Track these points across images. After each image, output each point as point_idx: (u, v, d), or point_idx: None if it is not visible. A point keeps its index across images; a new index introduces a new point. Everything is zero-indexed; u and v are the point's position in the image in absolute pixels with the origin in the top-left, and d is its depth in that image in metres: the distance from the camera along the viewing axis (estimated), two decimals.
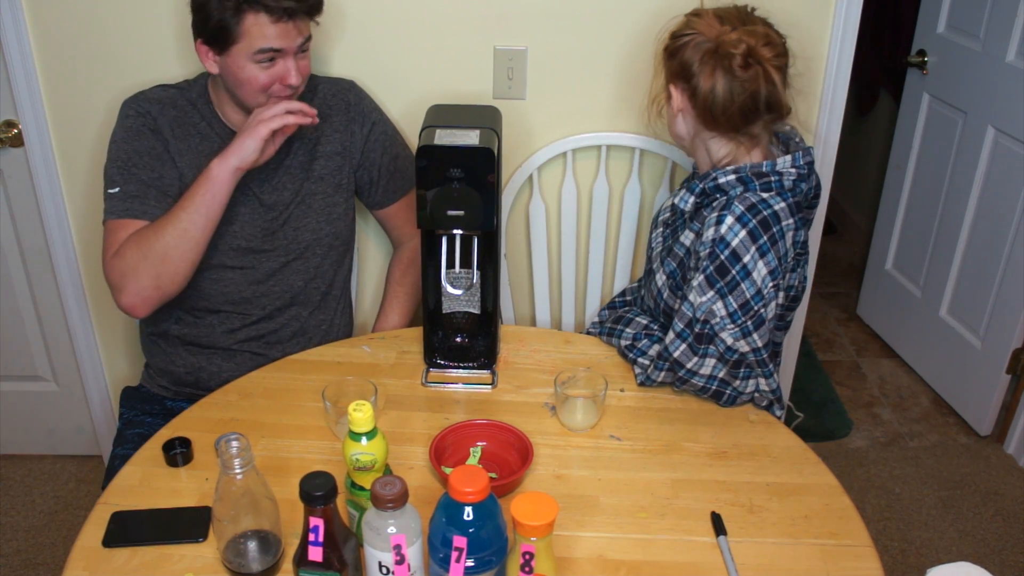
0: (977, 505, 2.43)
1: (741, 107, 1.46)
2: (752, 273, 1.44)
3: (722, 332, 1.46)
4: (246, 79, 1.59)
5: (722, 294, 1.44)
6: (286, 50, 1.58)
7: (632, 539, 1.27)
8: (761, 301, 1.45)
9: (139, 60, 1.94)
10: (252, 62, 1.57)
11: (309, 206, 1.76)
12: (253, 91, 1.61)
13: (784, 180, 1.48)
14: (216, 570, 1.20)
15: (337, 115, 1.78)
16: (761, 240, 1.43)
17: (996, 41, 2.49)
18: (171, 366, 1.79)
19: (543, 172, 2.08)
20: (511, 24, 1.94)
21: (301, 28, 1.60)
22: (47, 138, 2.03)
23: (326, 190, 1.77)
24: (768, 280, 1.45)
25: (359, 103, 1.82)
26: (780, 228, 1.45)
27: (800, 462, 1.42)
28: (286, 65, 1.60)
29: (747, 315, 1.45)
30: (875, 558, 1.24)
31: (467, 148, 1.45)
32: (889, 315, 3.15)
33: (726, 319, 1.45)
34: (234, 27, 1.54)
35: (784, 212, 1.46)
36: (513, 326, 1.84)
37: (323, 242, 1.78)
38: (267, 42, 1.55)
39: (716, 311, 1.45)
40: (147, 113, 1.68)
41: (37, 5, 1.90)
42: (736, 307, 1.44)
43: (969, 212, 2.66)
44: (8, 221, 2.18)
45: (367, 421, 1.14)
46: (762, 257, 1.43)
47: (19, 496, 2.38)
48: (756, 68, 1.44)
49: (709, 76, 1.45)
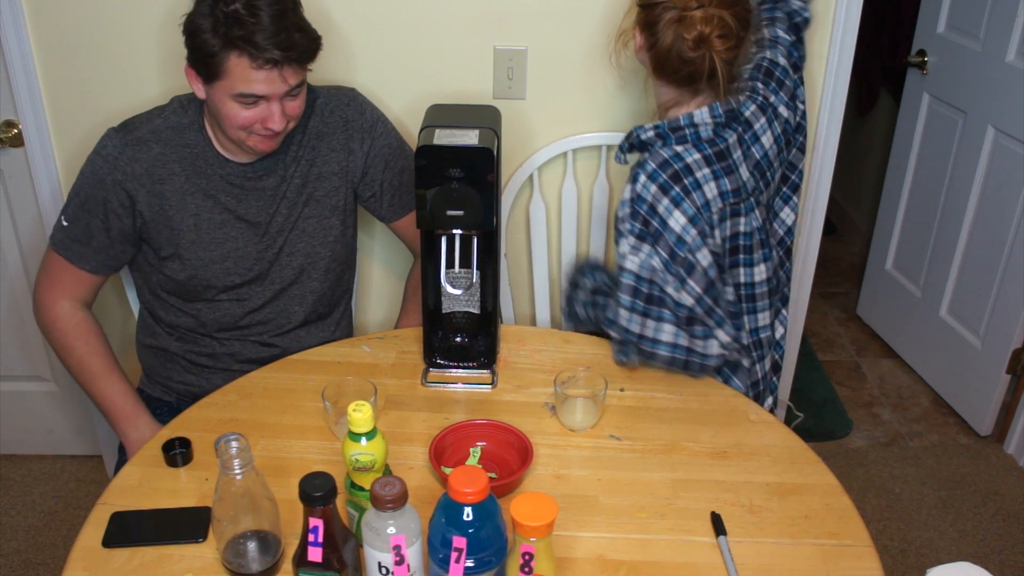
0: (977, 505, 2.43)
1: (689, 74, 1.57)
2: (669, 221, 1.52)
3: (665, 287, 1.53)
4: (226, 115, 1.53)
5: (653, 246, 1.53)
6: (270, 96, 1.51)
7: (632, 539, 1.27)
8: (685, 247, 1.52)
9: (139, 60, 1.94)
10: (233, 100, 1.51)
11: (303, 231, 1.71)
12: (233, 127, 1.55)
13: (700, 131, 1.56)
14: (216, 570, 1.20)
15: (334, 134, 1.71)
16: (673, 191, 1.53)
17: (996, 41, 2.49)
18: (169, 381, 1.79)
19: (543, 172, 2.08)
20: (511, 24, 1.94)
21: (287, 76, 1.51)
22: (47, 138, 2.03)
23: (321, 212, 1.72)
24: (689, 228, 1.53)
25: (359, 118, 1.73)
26: (693, 179, 1.54)
27: (800, 462, 1.42)
28: (269, 109, 1.53)
29: (676, 262, 1.52)
30: (875, 558, 1.24)
31: (466, 148, 1.45)
32: (889, 315, 3.15)
33: (663, 272, 1.53)
34: (219, 63, 1.47)
35: (698, 163, 1.55)
36: (513, 326, 1.84)
37: (319, 265, 1.74)
38: (249, 87, 1.49)
39: (656, 266, 1.53)
40: (118, 159, 1.60)
41: (37, 5, 1.90)
42: (667, 256, 1.53)
43: (969, 212, 2.66)
44: (8, 221, 2.18)
45: (367, 421, 1.14)
46: (677, 207, 1.53)
47: (19, 496, 2.38)
48: (704, 51, 1.53)
49: (666, 39, 1.55)
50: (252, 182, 1.67)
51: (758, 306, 1.70)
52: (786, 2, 1.73)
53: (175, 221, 1.64)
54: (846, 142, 2.26)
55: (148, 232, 1.65)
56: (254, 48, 1.45)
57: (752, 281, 1.67)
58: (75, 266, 1.67)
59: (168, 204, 1.63)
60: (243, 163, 1.66)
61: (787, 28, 1.71)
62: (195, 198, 1.64)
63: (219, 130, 1.62)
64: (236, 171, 1.66)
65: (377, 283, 2.21)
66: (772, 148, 1.64)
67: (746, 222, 1.62)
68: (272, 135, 1.58)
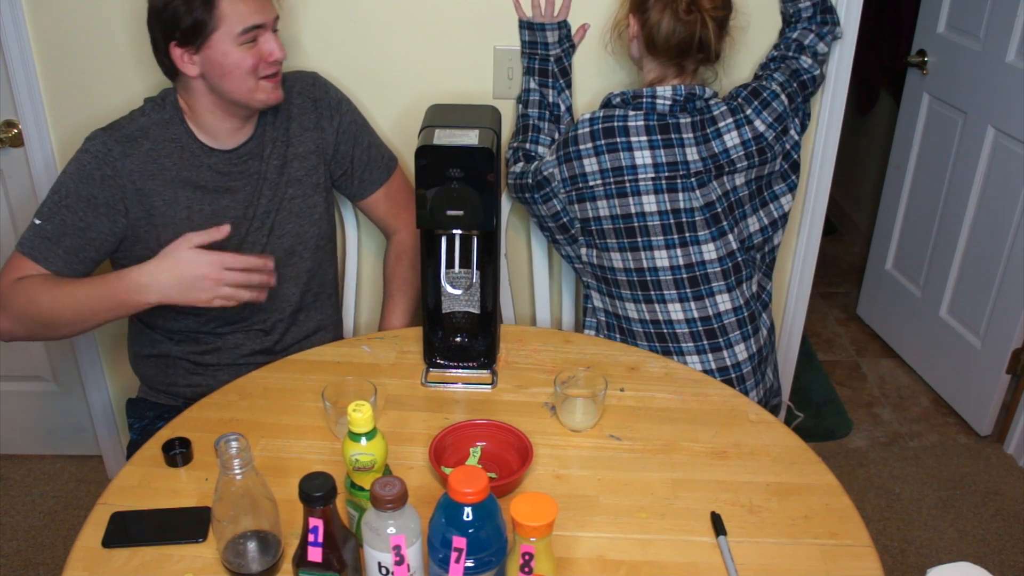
0: (977, 505, 2.43)
1: (678, 43, 1.69)
2: (584, 160, 1.70)
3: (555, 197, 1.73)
4: (232, 65, 1.55)
5: (559, 162, 1.72)
6: (266, 24, 1.56)
7: (632, 539, 1.27)
8: (585, 181, 1.70)
9: (139, 60, 1.94)
10: (235, 45, 1.54)
11: (290, 211, 1.73)
12: (241, 76, 1.56)
13: (657, 103, 1.70)
14: (216, 570, 1.20)
15: (305, 114, 1.75)
16: (599, 142, 1.69)
17: (996, 41, 2.49)
18: (174, 387, 1.78)
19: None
20: (511, 24, 1.94)
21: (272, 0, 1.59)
22: (47, 138, 2.03)
23: (305, 191, 1.74)
24: (597, 175, 1.69)
25: (325, 97, 1.78)
26: (627, 141, 1.69)
27: (800, 462, 1.42)
28: (268, 42, 1.57)
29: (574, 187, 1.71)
30: (875, 558, 1.24)
31: (466, 148, 1.45)
32: (889, 315, 3.15)
33: (559, 184, 1.72)
34: (208, 18, 1.51)
35: (637, 128, 1.69)
36: (513, 326, 1.84)
37: (308, 244, 1.76)
38: (247, 20, 1.53)
39: (553, 175, 1.72)
40: (108, 154, 1.59)
41: (37, 5, 1.90)
42: (567, 176, 1.71)
43: (969, 212, 2.66)
44: (8, 221, 2.18)
45: (366, 422, 1.14)
46: (596, 155, 1.69)
47: (19, 496, 2.38)
48: (696, 15, 1.66)
49: (659, 12, 1.68)
50: (237, 167, 1.68)
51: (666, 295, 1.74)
52: (795, 59, 1.82)
53: (167, 216, 1.63)
54: (846, 142, 2.26)
55: (135, 233, 1.63)
56: None
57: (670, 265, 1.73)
58: (38, 265, 1.57)
59: (160, 199, 1.62)
60: (227, 150, 1.67)
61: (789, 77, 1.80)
62: (185, 191, 1.64)
63: (204, 113, 1.63)
64: (222, 158, 1.67)
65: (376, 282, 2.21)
66: (737, 149, 1.71)
67: (684, 198, 1.70)
68: (278, 75, 1.61)
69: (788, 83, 1.79)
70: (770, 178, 1.78)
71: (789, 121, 1.76)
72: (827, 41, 1.86)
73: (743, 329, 1.74)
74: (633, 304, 1.75)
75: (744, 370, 1.75)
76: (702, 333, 1.73)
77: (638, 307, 1.75)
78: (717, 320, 1.73)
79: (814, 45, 1.84)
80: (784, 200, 1.80)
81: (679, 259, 1.72)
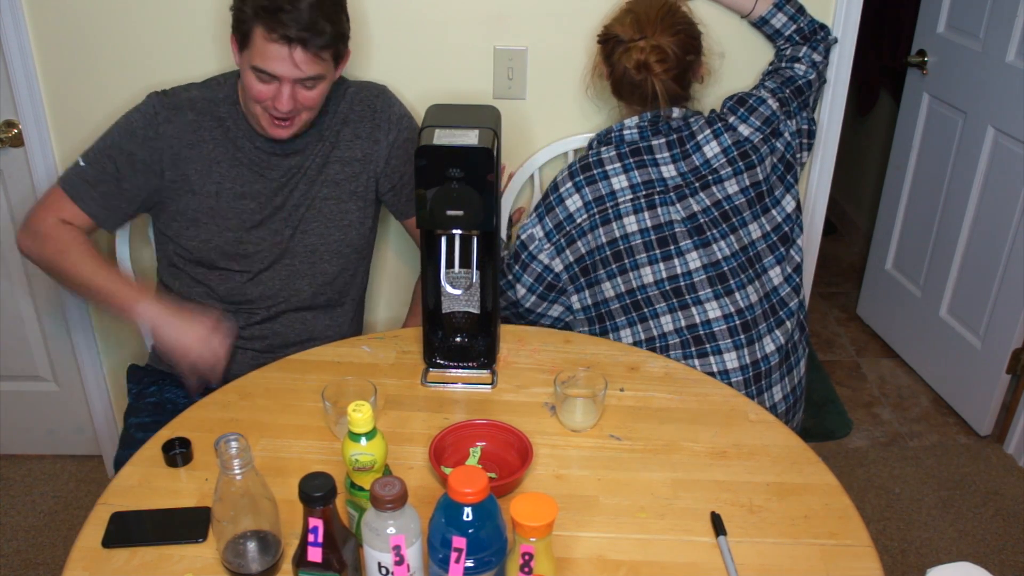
0: (977, 505, 2.43)
1: (638, 96, 1.78)
2: (566, 200, 1.76)
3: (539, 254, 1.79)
4: (246, 84, 1.61)
5: (540, 218, 1.79)
6: (283, 78, 1.56)
7: (632, 539, 1.27)
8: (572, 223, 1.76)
9: (138, 60, 1.94)
10: (252, 73, 1.58)
11: (319, 210, 1.75)
12: (250, 99, 1.63)
13: (624, 134, 1.79)
14: (216, 570, 1.20)
15: (361, 121, 1.77)
16: (578, 178, 1.76)
17: (996, 41, 2.49)
18: None
19: (543, 172, 2.08)
20: (511, 24, 1.94)
21: (299, 61, 1.55)
22: (47, 138, 2.03)
23: (339, 195, 1.76)
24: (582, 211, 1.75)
25: (387, 110, 1.79)
26: (603, 171, 1.76)
27: (800, 462, 1.42)
28: (280, 89, 1.58)
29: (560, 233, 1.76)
30: (875, 558, 1.24)
31: (466, 148, 1.45)
32: (889, 315, 3.15)
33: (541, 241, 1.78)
34: (247, 31, 1.56)
35: (611, 159, 1.77)
36: (513, 326, 1.84)
37: (331, 248, 1.77)
38: (263, 62, 1.55)
39: (535, 235, 1.78)
40: (154, 117, 1.67)
41: (37, 5, 1.90)
42: (551, 227, 1.77)
43: (969, 212, 2.66)
44: (8, 221, 2.18)
45: (366, 422, 1.14)
46: (577, 191, 1.76)
47: (19, 496, 2.39)
48: (646, 75, 1.74)
49: (619, 68, 1.77)
50: (279, 158, 1.72)
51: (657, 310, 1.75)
52: (788, 68, 1.88)
53: (197, 186, 1.68)
54: (846, 142, 2.26)
55: (165, 195, 1.69)
56: (273, 20, 1.52)
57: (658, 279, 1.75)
58: (75, 204, 1.68)
59: (193, 169, 1.68)
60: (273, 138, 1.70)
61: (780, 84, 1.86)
62: (220, 167, 1.69)
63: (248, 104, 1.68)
64: (265, 145, 1.71)
65: (388, 282, 2.21)
66: (718, 158, 1.76)
67: (664, 212, 1.74)
68: (282, 120, 1.62)
69: (779, 89, 1.83)
70: (770, 183, 1.77)
71: (780, 124, 1.79)
72: (820, 50, 1.90)
73: (735, 338, 1.73)
74: (628, 328, 1.76)
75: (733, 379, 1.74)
76: (690, 341, 1.74)
77: (633, 329, 1.76)
78: (705, 327, 1.73)
79: (808, 55, 1.89)
80: (786, 202, 1.80)
81: (663, 272, 1.74)
